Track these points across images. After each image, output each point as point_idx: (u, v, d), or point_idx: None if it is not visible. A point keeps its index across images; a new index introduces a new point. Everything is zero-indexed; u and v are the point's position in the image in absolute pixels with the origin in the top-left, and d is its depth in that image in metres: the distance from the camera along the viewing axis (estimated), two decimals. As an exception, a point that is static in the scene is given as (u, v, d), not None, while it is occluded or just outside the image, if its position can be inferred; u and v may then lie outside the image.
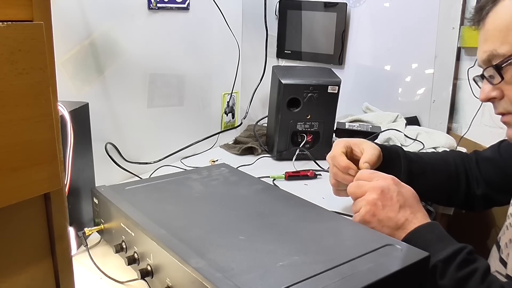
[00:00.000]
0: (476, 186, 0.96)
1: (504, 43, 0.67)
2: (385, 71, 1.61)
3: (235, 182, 0.88)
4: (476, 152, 1.01)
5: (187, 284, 0.55)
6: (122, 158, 1.06)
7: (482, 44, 0.72)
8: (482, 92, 0.73)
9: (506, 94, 0.71)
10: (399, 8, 1.55)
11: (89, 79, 0.97)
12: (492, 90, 0.72)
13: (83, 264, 0.73)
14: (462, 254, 0.66)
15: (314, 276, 0.54)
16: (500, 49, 0.68)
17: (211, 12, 1.24)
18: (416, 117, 1.57)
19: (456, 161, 0.98)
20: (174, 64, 1.18)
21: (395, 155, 0.95)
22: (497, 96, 0.72)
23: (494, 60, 0.69)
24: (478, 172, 0.97)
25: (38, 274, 0.43)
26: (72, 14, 0.91)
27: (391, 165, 0.93)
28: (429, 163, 0.97)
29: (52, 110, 0.39)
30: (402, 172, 0.93)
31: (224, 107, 1.39)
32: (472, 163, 0.98)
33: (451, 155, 1.01)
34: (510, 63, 0.67)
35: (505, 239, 0.80)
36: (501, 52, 0.68)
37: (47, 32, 0.37)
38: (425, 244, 0.68)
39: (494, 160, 0.94)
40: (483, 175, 0.96)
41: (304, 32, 1.69)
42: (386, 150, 0.95)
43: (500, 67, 0.68)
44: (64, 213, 0.43)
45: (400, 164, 0.94)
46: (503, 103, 0.72)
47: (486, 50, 0.70)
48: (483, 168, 0.96)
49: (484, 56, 0.70)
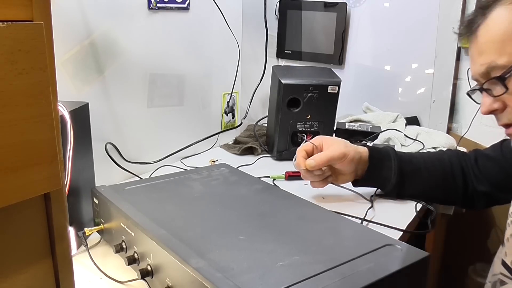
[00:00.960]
0: (476, 184, 0.96)
1: (502, 54, 0.67)
2: (385, 71, 1.61)
3: (235, 182, 0.88)
4: (476, 151, 1.00)
5: (187, 284, 0.55)
6: (122, 158, 1.06)
7: (477, 57, 0.71)
8: (483, 105, 0.73)
9: (509, 105, 0.70)
10: (399, 8, 1.55)
11: (89, 79, 0.97)
12: (494, 102, 0.71)
13: (83, 264, 0.73)
14: None
15: (314, 276, 0.54)
16: (499, 60, 0.67)
17: (211, 12, 1.24)
18: (416, 117, 1.57)
19: (452, 159, 0.98)
20: (174, 64, 1.18)
21: (385, 155, 0.96)
22: (499, 108, 0.71)
23: (493, 72, 0.69)
24: (477, 170, 0.96)
25: (38, 274, 0.43)
26: (72, 14, 0.91)
27: (381, 165, 0.95)
28: (423, 162, 0.97)
29: (52, 110, 0.39)
30: (393, 172, 0.94)
31: (224, 107, 1.39)
32: (471, 161, 0.98)
33: (446, 154, 1.01)
34: None
35: (507, 235, 0.80)
36: (500, 63, 0.67)
37: (47, 32, 0.37)
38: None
39: (496, 160, 0.94)
40: (484, 174, 0.95)
41: (304, 32, 1.69)
42: (375, 152, 0.96)
43: (503, 78, 0.68)
44: (64, 213, 0.43)
45: (390, 164, 0.95)
46: (506, 114, 0.71)
47: (483, 63, 0.69)
48: (484, 166, 0.96)
49: (482, 69, 0.70)
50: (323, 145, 0.95)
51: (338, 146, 0.93)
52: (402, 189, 0.95)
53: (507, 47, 0.66)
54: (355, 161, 0.93)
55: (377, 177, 0.96)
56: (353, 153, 0.93)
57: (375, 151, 0.96)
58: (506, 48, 0.66)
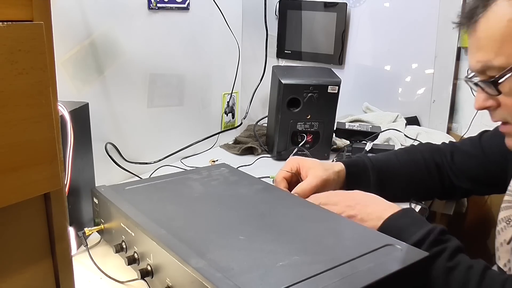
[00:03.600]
0: (454, 179, 0.96)
1: (499, 54, 0.65)
2: (385, 71, 1.61)
3: (235, 182, 0.88)
4: (453, 145, 1.00)
5: (187, 284, 0.55)
6: (122, 158, 1.06)
7: (474, 52, 0.69)
8: (477, 101, 0.72)
9: (503, 104, 0.69)
10: (399, 8, 1.55)
11: (89, 79, 0.97)
12: (487, 100, 0.70)
13: (83, 264, 0.73)
14: (433, 234, 0.68)
15: (314, 276, 0.54)
16: (495, 60, 0.66)
17: (211, 12, 1.24)
18: (416, 117, 1.57)
19: (425, 155, 0.98)
20: (174, 64, 1.18)
21: (362, 169, 0.95)
22: (493, 105, 0.70)
23: (488, 71, 0.68)
24: (454, 166, 0.96)
25: (38, 274, 0.43)
26: (72, 14, 0.91)
27: (359, 180, 0.94)
28: (399, 167, 0.96)
29: (52, 110, 0.39)
30: (371, 184, 0.94)
31: (224, 107, 1.39)
32: (446, 158, 0.97)
33: (419, 150, 1.00)
34: (507, 78, 0.65)
35: (497, 243, 0.80)
36: (496, 64, 0.66)
37: (47, 32, 0.37)
38: (399, 230, 0.70)
39: (475, 155, 0.94)
40: (462, 170, 0.95)
41: (304, 32, 1.69)
42: (353, 166, 0.95)
43: (496, 82, 0.67)
44: (64, 213, 0.43)
45: (368, 176, 0.94)
46: (500, 112, 0.70)
47: (480, 60, 0.68)
48: (462, 162, 0.96)
49: (478, 66, 0.69)
50: (300, 169, 0.92)
51: (317, 171, 0.90)
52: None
53: (505, 47, 0.65)
54: (335, 183, 0.92)
55: None
56: (332, 176, 0.91)
57: (352, 166, 0.95)
58: (505, 48, 0.65)
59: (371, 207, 0.77)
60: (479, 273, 0.64)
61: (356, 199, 0.80)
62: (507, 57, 0.65)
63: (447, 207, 1.22)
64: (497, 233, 0.81)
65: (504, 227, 0.79)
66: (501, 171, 0.86)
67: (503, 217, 0.80)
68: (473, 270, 0.64)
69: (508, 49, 0.65)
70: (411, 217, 0.73)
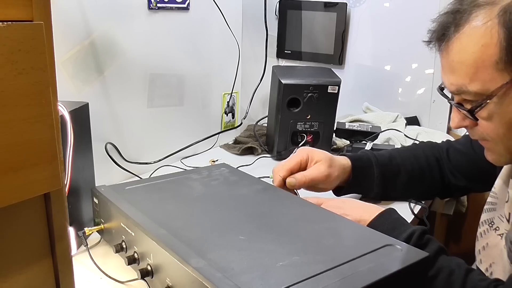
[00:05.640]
0: (451, 177, 0.97)
1: (474, 80, 0.64)
2: (385, 71, 1.61)
3: (235, 182, 0.88)
4: (448, 142, 1.01)
5: (187, 284, 0.55)
6: (122, 158, 1.06)
7: (448, 73, 0.68)
8: (453, 121, 0.71)
9: (481, 126, 0.68)
10: (399, 8, 1.54)
11: (89, 79, 0.97)
12: (464, 119, 0.70)
13: (83, 264, 0.73)
14: (412, 241, 0.69)
15: (314, 276, 0.54)
16: (470, 86, 0.64)
17: (211, 12, 1.24)
18: (416, 117, 1.56)
19: (426, 153, 0.99)
20: (174, 64, 1.18)
21: (367, 164, 0.95)
22: (470, 125, 0.69)
23: (463, 94, 0.66)
24: (450, 164, 0.97)
25: (38, 274, 0.43)
26: (72, 14, 0.91)
27: (363, 175, 0.95)
28: (402, 163, 0.97)
29: (52, 110, 0.39)
30: (375, 181, 0.95)
31: (224, 107, 1.39)
32: (443, 154, 0.98)
33: (421, 148, 1.01)
34: (483, 106, 0.64)
35: (478, 246, 0.80)
36: (471, 89, 0.64)
37: (47, 32, 0.37)
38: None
39: (468, 155, 0.94)
40: (457, 168, 0.96)
41: (304, 32, 1.69)
42: (358, 161, 0.95)
43: (473, 112, 0.66)
44: (64, 213, 0.43)
45: (373, 172, 0.95)
46: (478, 131, 0.69)
47: (454, 83, 0.67)
48: (456, 161, 0.97)
49: (452, 88, 0.68)
50: (309, 160, 0.91)
51: (322, 165, 0.89)
52: (384, 195, 0.97)
53: (479, 74, 0.63)
54: (339, 178, 0.92)
55: (360, 186, 0.96)
56: (337, 173, 0.91)
57: (357, 160, 0.95)
58: (479, 74, 0.63)
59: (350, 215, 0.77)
60: (460, 279, 0.65)
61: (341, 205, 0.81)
62: (482, 84, 0.63)
63: (447, 207, 1.22)
64: (479, 235, 0.80)
65: (486, 230, 0.79)
66: (490, 168, 0.85)
67: (485, 219, 0.79)
68: (454, 277, 0.65)
69: (483, 75, 0.63)
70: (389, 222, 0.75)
